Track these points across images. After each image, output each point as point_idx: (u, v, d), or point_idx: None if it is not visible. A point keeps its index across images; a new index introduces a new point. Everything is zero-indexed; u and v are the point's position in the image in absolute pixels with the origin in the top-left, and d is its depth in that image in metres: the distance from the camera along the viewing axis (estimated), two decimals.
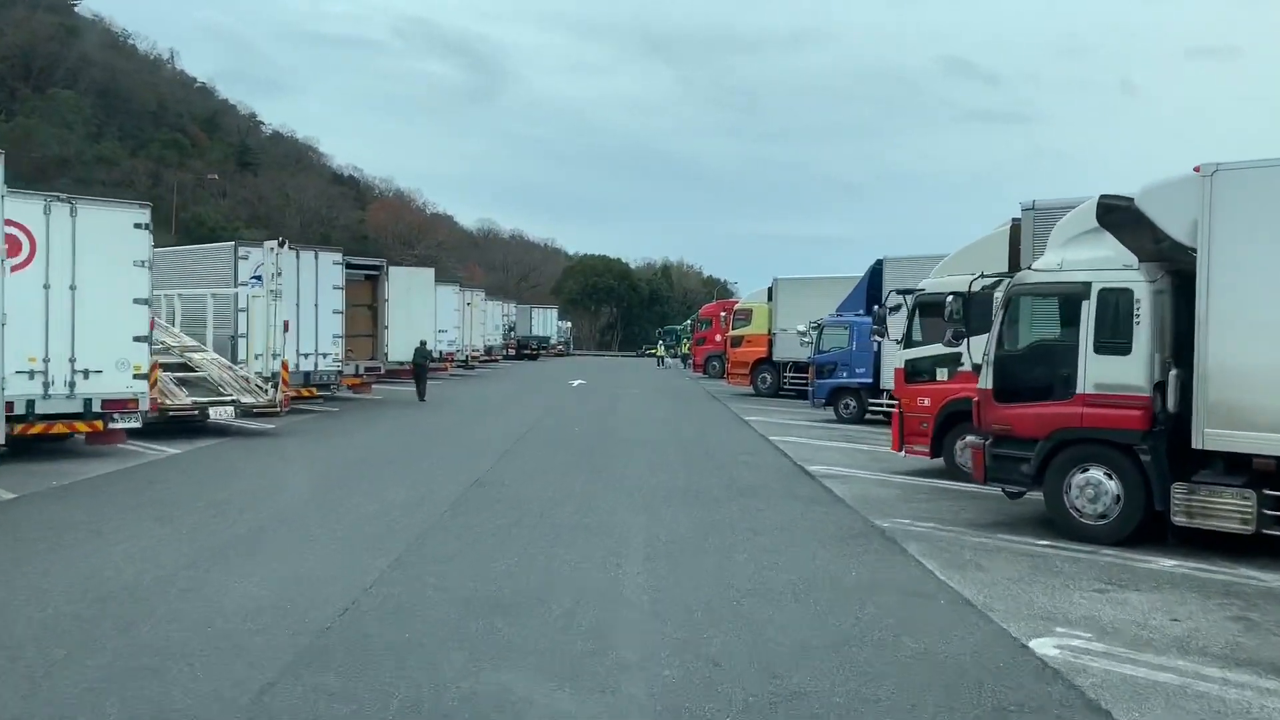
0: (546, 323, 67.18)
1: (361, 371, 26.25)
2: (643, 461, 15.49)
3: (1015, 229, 13.94)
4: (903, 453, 14.86)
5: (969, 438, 13.50)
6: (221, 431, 18.04)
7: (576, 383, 37.00)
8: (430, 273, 33.02)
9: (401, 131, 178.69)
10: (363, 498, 11.81)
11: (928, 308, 14.76)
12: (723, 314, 37.74)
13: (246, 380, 18.96)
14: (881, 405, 22.04)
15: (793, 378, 30.15)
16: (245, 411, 18.14)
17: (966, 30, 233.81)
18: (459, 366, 41.26)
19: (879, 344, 20.93)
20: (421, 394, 27.40)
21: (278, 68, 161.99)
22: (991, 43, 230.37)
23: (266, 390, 18.60)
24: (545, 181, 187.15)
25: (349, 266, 26.47)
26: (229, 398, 18.00)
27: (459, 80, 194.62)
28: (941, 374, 14.43)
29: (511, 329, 56.75)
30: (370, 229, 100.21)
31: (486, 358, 48.46)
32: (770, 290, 30.90)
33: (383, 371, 27.02)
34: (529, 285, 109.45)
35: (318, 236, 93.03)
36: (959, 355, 14.19)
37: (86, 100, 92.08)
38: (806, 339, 24.19)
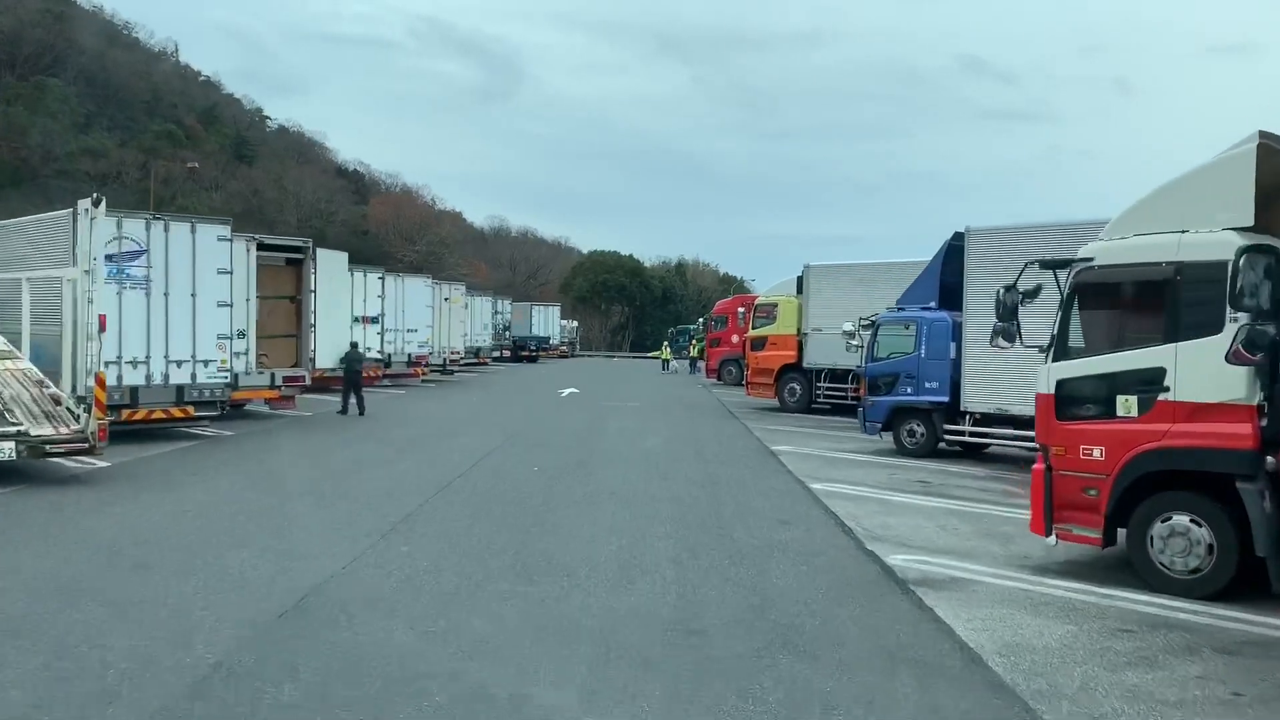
0: (548, 321, 60.57)
1: (279, 383, 20.20)
2: (613, 547, 9.30)
3: (1267, 148, 7.76)
4: (1051, 538, 8.64)
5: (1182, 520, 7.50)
6: (5, 477, 12.02)
7: (567, 392, 30.81)
8: (343, 256, 26.56)
9: (415, 131, 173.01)
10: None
11: (1100, 291, 8.57)
12: (741, 310, 31.34)
13: (57, 401, 12.95)
14: (962, 434, 15.80)
15: (829, 389, 23.90)
16: (36, 449, 12.10)
17: (982, 28, 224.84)
18: (435, 371, 35.23)
19: (975, 351, 14.74)
20: (358, 407, 21.45)
21: (291, 68, 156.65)
22: (1007, 40, 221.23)
23: (78, 416, 12.57)
24: (558, 181, 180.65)
25: (263, 247, 20.49)
26: (12, 428, 11.99)
27: (473, 80, 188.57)
28: (1126, 405, 8.21)
29: (506, 328, 50.47)
30: (371, 224, 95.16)
31: (473, 360, 42.41)
32: (800, 280, 24.67)
33: (308, 381, 20.94)
34: (537, 283, 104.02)
35: (313, 231, 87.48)
36: (1160, 372, 8.02)
37: (73, 90, 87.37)
38: (855, 342, 17.94)
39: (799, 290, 24.75)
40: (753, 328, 26.69)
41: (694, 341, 46.08)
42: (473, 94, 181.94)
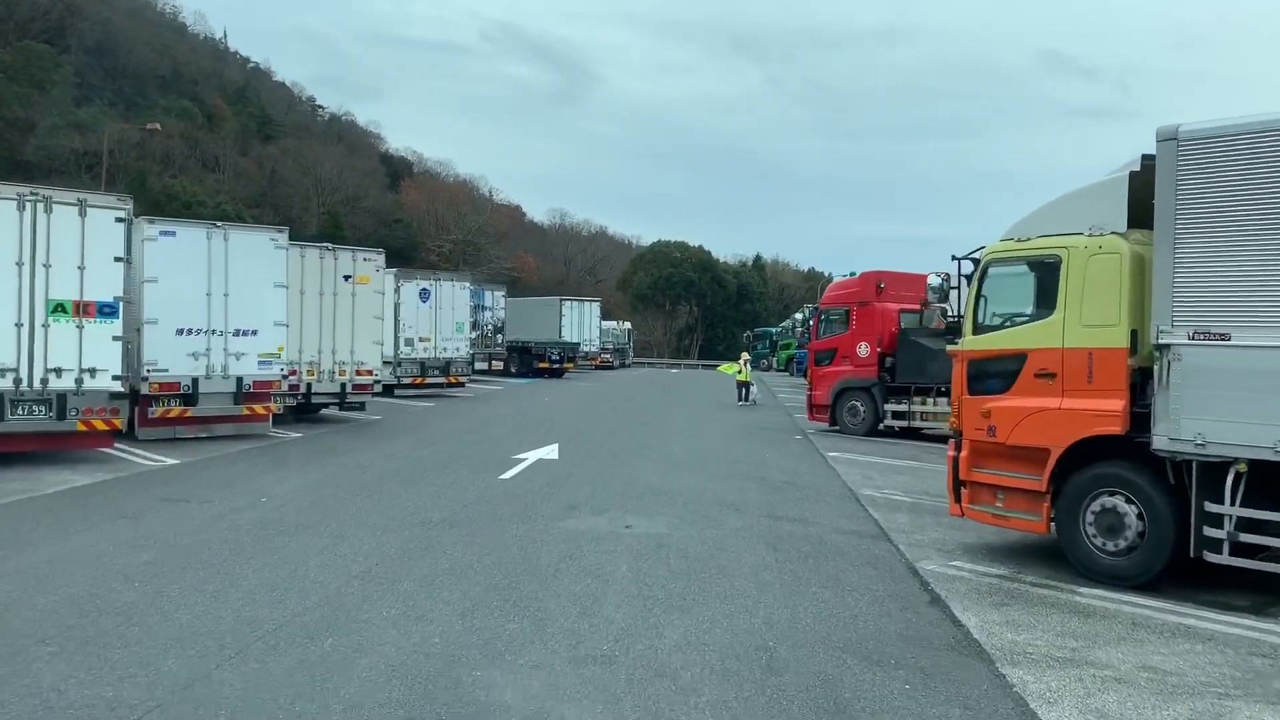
0: (582, 322, 43.30)
1: None
2: None
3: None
4: None
5: None
6: None
7: (530, 460, 14.45)
8: None
9: (485, 134, 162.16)
10: None
11: None
12: (888, 286, 13.32)
13: None
14: None
15: (1263, 522, 7.20)
16: None
17: (1063, 23, 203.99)
18: (329, 402, 19.40)
19: None
20: None
21: (363, 72, 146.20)
22: (1090, 36, 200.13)
23: None
24: (628, 181, 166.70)
25: None
26: None
27: (543, 82, 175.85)
28: None
29: (498, 329, 34.13)
30: (402, 209, 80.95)
31: (437, 379, 26.47)
32: (1135, 182, 8.01)
33: None
34: (594, 279, 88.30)
35: (328, 219, 73.31)
36: None
37: (71, 59, 75.16)
38: None
39: (1131, 218, 8.09)
40: (972, 326, 9.69)
41: (779, 353, 29.03)
42: (543, 96, 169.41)
